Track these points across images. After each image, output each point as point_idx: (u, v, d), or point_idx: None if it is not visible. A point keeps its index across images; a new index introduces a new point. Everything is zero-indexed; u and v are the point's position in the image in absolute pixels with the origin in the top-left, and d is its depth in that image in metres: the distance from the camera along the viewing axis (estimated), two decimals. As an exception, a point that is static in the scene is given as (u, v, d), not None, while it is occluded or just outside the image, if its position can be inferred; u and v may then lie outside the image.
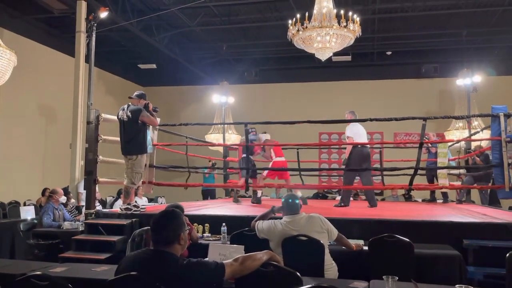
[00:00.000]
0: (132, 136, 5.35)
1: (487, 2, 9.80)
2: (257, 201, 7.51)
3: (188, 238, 4.03)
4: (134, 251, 2.39)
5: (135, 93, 5.58)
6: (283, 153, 7.69)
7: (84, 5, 7.80)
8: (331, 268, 3.50)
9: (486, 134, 8.09)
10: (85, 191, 5.90)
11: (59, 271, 3.13)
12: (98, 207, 6.64)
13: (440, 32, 11.47)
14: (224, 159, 10.00)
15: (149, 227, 2.29)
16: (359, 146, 6.58)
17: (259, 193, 7.84)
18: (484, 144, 7.92)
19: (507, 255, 3.05)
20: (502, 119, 5.33)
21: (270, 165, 7.43)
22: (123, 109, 5.43)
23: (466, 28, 11.17)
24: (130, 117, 5.35)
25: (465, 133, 10.30)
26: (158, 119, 6.05)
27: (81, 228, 5.56)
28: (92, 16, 6.09)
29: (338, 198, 10.55)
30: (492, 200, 8.36)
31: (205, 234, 4.71)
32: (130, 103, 5.49)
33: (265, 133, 7.83)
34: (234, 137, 12.48)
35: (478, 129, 9.08)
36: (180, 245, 2.11)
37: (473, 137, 8.55)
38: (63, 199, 6.84)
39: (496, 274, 3.76)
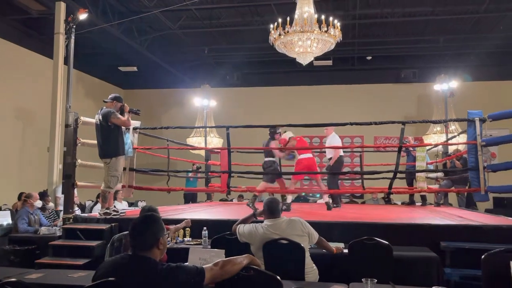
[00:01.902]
0: (105, 140, 5.29)
1: (462, 9, 10.05)
2: (287, 207, 6.59)
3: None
4: (113, 257, 2.35)
5: (110, 96, 5.51)
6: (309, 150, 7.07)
7: (63, 6, 7.67)
8: (311, 271, 3.52)
9: (463, 138, 8.28)
10: (63, 195, 5.79)
11: (35, 277, 3.06)
12: (77, 211, 6.53)
13: (418, 38, 11.70)
14: (205, 163, 9.97)
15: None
16: (342, 154, 7.05)
17: (289, 199, 7.07)
18: (462, 148, 8.10)
19: (483, 256, 3.11)
20: (477, 123, 5.46)
21: (295, 164, 7.06)
22: (98, 113, 5.38)
23: (443, 35, 11.43)
24: (102, 120, 5.30)
25: (443, 137, 10.51)
26: (138, 122, 5.99)
27: (58, 233, 5.45)
28: (71, 18, 5.99)
29: (320, 201, 10.65)
30: (469, 203, 8.55)
31: (185, 238, 4.68)
32: (104, 107, 5.42)
33: (285, 132, 7.15)
34: (216, 141, 12.45)
35: (455, 133, 9.28)
36: (159, 249, 2.09)
37: (450, 141, 8.72)
38: (38, 203, 6.68)
39: (472, 275, 3.84)
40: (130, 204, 10.27)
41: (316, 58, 8.33)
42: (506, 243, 3.99)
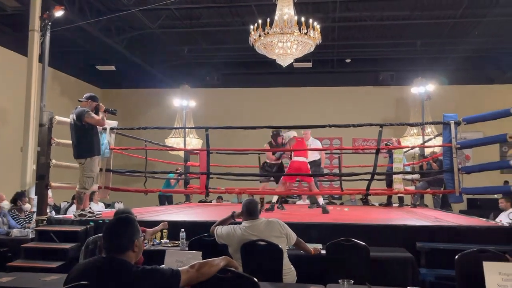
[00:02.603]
0: (79, 140, 5.19)
1: (439, 14, 10.26)
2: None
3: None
4: (86, 259, 2.30)
5: (85, 95, 5.40)
6: (306, 152, 6.88)
7: (38, 2, 7.48)
8: (289, 272, 3.52)
9: (439, 140, 8.45)
10: (36, 197, 5.64)
11: (5, 281, 2.97)
12: (50, 213, 6.37)
13: (396, 42, 11.88)
14: (184, 164, 9.88)
15: None
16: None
17: (321, 200, 6.88)
18: (438, 150, 8.25)
19: (456, 257, 3.17)
20: (452, 126, 5.57)
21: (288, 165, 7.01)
22: (72, 112, 5.27)
23: (420, 39, 11.65)
24: (76, 120, 5.19)
25: (420, 140, 10.70)
26: (115, 122, 5.89)
27: (31, 236, 5.30)
28: (47, 15, 5.84)
29: (299, 202, 10.70)
30: (444, 204, 8.72)
31: (163, 240, 4.62)
32: (79, 106, 5.31)
33: (289, 130, 7.08)
34: (195, 142, 12.37)
35: (432, 136, 9.46)
36: (134, 252, 2.04)
37: (426, 144, 8.88)
38: (5, 204, 6.46)
39: (446, 275, 3.90)
40: (107, 206, 10.09)
41: (296, 60, 8.37)
42: (479, 243, 4.07)
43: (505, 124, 5.05)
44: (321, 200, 6.82)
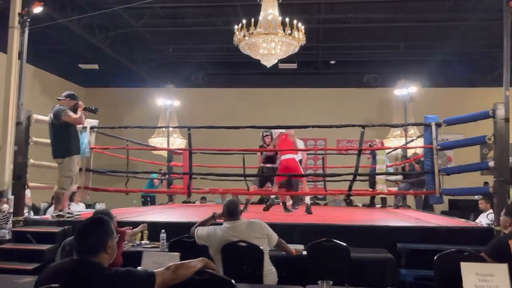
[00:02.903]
0: (56, 139, 5.09)
1: (422, 17, 10.39)
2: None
3: (120, 245, 3.91)
4: (57, 261, 2.24)
5: (63, 94, 5.29)
6: (294, 150, 6.71)
7: (18, -1, 7.33)
8: (270, 273, 3.50)
9: (421, 142, 8.55)
10: (13, 197, 5.51)
11: (-23, 283, 2.88)
12: (27, 213, 6.24)
13: (380, 44, 11.98)
14: (167, 164, 9.80)
15: None
16: None
17: (307, 200, 6.79)
18: (420, 151, 8.35)
19: (435, 257, 3.20)
20: (433, 128, 5.63)
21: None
22: (51, 112, 5.17)
23: (403, 41, 11.77)
24: (53, 119, 5.09)
25: (403, 141, 10.80)
26: (96, 121, 5.79)
27: (8, 237, 5.18)
28: (25, 11, 5.72)
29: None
30: (426, 205, 8.82)
31: (143, 241, 4.56)
32: (58, 104, 5.20)
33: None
34: (179, 141, 12.26)
35: (414, 137, 9.56)
36: (108, 254, 1.99)
37: (408, 145, 8.97)
38: None
39: (425, 275, 3.93)
40: (88, 206, 9.93)
41: (281, 61, 8.38)
42: (459, 243, 4.13)
43: (486, 126, 5.11)
44: (307, 200, 6.79)
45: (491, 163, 4.89)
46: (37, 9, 5.65)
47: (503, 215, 3.70)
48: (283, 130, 6.92)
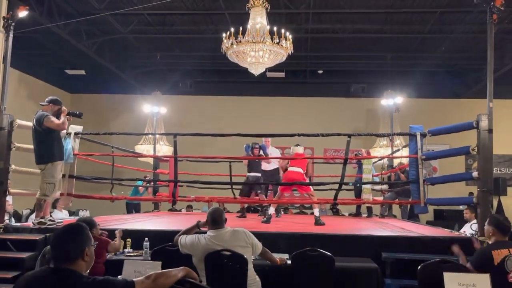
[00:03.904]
0: (39, 144, 5.00)
1: (408, 29, 10.55)
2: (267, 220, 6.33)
3: (102, 253, 3.84)
4: (35, 269, 2.18)
5: (46, 99, 5.20)
6: (304, 164, 6.65)
7: (4, 3, 7.23)
8: (254, 283, 3.46)
9: (406, 152, 8.62)
10: (-7, 203, 5.39)
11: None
12: (10, 220, 6.11)
13: (367, 55, 12.13)
14: (154, 171, 9.70)
15: None
16: None
17: (270, 210, 6.64)
18: (405, 161, 8.41)
19: (419, 267, 3.20)
20: (418, 138, 5.69)
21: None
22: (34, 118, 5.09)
23: (390, 52, 11.93)
24: (35, 125, 5.01)
25: (389, 151, 10.88)
26: (80, 127, 5.71)
27: (-13, 244, 5.04)
28: (9, 14, 5.64)
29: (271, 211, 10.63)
30: (412, 215, 8.87)
31: (126, 250, 4.49)
32: (41, 110, 5.12)
33: (297, 145, 6.91)
34: (165, 149, 12.16)
35: (400, 147, 9.64)
36: (85, 261, 1.94)
37: (394, 155, 9.03)
38: None
39: (410, 285, 3.93)
40: (71, 213, 9.77)
41: (269, 70, 8.40)
42: (443, 253, 4.14)
43: (471, 137, 5.17)
44: (316, 212, 6.49)
45: (475, 174, 4.95)
46: (22, 13, 5.58)
47: (486, 225, 3.72)
48: (301, 149, 6.84)
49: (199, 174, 9.10)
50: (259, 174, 7.49)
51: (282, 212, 8.29)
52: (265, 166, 7.75)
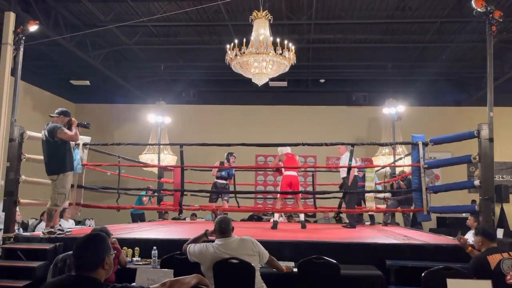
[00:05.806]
0: (51, 156, 5.10)
1: (409, 39, 10.68)
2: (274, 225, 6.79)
3: (115, 262, 3.92)
4: (55, 278, 2.27)
5: (56, 111, 5.31)
6: (292, 164, 7.07)
7: (12, 16, 7.42)
8: (261, 290, 3.54)
9: (409, 160, 8.69)
10: (3, 213, 5.49)
11: (-32, 301, 2.88)
12: (19, 230, 6.20)
13: (369, 64, 12.25)
14: (158, 180, 9.80)
15: None
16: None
17: (276, 216, 7.10)
18: (407, 169, 8.49)
19: (423, 274, 3.27)
20: (420, 147, 5.77)
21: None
22: (44, 128, 5.20)
23: (391, 62, 12.06)
24: (48, 136, 5.11)
25: (391, 159, 10.95)
26: (88, 138, 5.82)
27: (-2, 254, 5.13)
28: (21, 29, 5.78)
29: (273, 219, 10.69)
30: (414, 223, 8.92)
31: (134, 258, 4.57)
32: (51, 121, 5.24)
33: (284, 145, 7.24)
34: (169, 158, 12.27)
35: (402, 155, 9.72)
36: (105, 270, 2.04)
37: (396, 163, 9.11)
38: None
39: (414, 292, 3.99)
40: (77, 223, 9.87)
41: (272, 79, 8.50)
42: (446, 261, 4.20)
43: (472, 144, 5.26)
44: (302, 217, 7.04)
45: (477, 182, 5.03)
46: (33, 28, 5.73)
47: (474, 237, 3.79)
48: (289, 149, 7.21)
49: (203, 183, 9.18)
50: (226, 181, 8.51)
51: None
52: None
